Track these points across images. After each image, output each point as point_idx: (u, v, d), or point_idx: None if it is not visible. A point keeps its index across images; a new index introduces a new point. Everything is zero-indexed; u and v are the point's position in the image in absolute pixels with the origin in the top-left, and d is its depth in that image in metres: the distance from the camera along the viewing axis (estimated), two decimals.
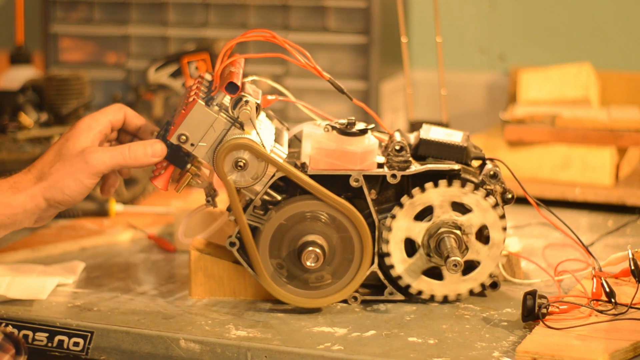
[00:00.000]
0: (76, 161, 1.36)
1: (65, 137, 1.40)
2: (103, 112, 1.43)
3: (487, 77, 2.54)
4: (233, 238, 1.41)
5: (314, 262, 1.38)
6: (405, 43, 1.92)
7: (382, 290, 1.44)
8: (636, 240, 1.76)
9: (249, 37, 1.40)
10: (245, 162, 1.37)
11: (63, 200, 1.36)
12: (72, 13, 2.50)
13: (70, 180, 1.36)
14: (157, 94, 2.07)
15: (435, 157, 1.44)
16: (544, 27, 2.49)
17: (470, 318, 1.39)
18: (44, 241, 1.70)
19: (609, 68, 2.39)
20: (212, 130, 1.37)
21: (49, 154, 1.39)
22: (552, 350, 1.23)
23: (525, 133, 2.08)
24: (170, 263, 1.64)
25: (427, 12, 2.54)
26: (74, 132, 1.39)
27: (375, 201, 1.42)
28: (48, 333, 1.38)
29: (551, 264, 1.56)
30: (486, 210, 1.41)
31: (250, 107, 1.36)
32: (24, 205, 1.36)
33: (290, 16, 2.37)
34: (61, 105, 1.94)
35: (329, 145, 1.40)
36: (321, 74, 1.41)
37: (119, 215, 1.86)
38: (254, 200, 1.39)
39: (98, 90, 2.39)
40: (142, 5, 2.45)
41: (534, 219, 1.77)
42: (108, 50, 2.49)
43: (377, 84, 2.34)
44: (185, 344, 1.32)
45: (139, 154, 1.38)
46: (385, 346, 1.29)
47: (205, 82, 1.45)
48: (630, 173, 2.11)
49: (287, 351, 1.29)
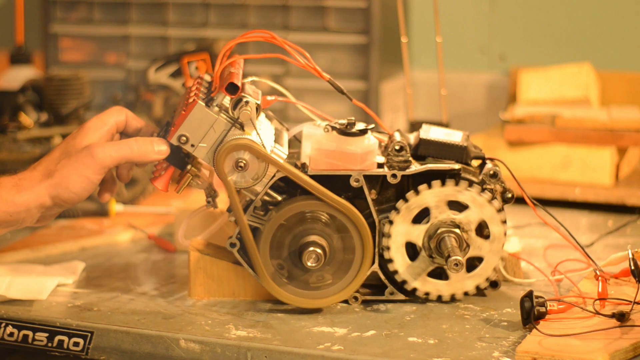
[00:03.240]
0: (82, 156, 1.36)
1: (72, 135, 1.39)
2: (108, 113, 1.43)
3: (487, 77, 2.54)
4: (233, 239, 1.41)
5: (314, 263, 1.38)
6: (405, 43, 1.92)
7: (383, 290, 1.44)
8: (636, 240, 1.76)
9: (249, 37, 1.40)
10: (246, 163, 1.37)
11: (69, 198, 1.36)
12: (72, 13, 2.50)
13: (76, 176, 1.35)
14: (157, 94, 2.07)
15: (435, 157, 1.44)
16: (544, 27, 2.49)
17: (470, 318, 1.39)
18: (44, 241, 1.70)
19: (609, 68, 2.39)
20: (213, 130, 1.37)
21: (56, 152, 1.38)
22: (552, 350, 1.23)
23: (525, 133, 2.08)
24: (170, 263, 1.64)
25: (427, 12, 2.54)
26: (82, 131, 1.39)
27: (375, 201, 1.42)
28: (48, 333, 1.38)
29: (551, 264, 1.55)
30: (483, 206, 1.41)
31: (251, 108, 1.36)
32: (28, 203, 1.35)
33: (290, 16, 2.37)
34: (61, 105, 1.94)
35: (329, 145, 1.40)
36: (321, 74, 1.42)
37: (119, 215, 1.86)
38: (254, 201, 1.39)
39: (98, 90, 2.39)
40: (142, 5, 2.45)
41: (534, 219, 1.77)
42: (108, 50, 2.49)
43: (377, 84, 2.34)
44: (185, 344, 1.33)
45: (147, 148, 1.37)
46: (385, 346, 1.29)
47: (204, 83, 1.45)
48: (630, 173, 2.11)
49: (287, 351, 1.29)
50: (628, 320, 1.29)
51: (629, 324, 1.29)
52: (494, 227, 1.42)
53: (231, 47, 1.39)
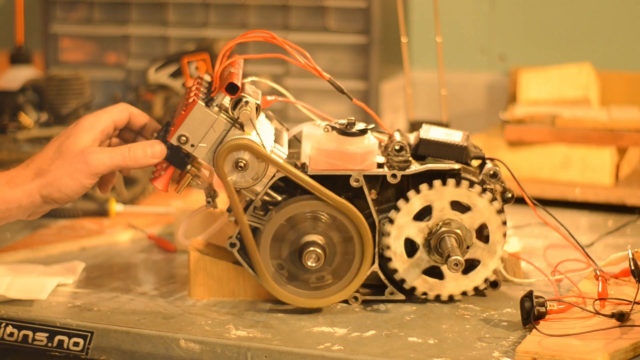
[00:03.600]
0: (75, 160, 1.36)
1: (66, 133, 1.39)
2: (107, 110, 1.43)
3: (487, 77, 2.54)
4: (233, 239, 1.41)
5: (314, 263, 1.38)
6: (405, 43, 1.92)
7: (383, 290, 1.44)
8: (636, 240, 1.76)
9: (249, 37, 1.40)
10: (246, 163, 1.37)
11: (60, 198, 1.36)
12: (72, 13, 2.50)
13: (68, 179, 1.36)
14: (157, 94, 2.07)
15: (435, 156, 1.44)
16: (544, 27, 2.49)
17: (470, 318, 1.39)
18: (44, 241, 1.70)
19: (609, 68, 2.39)
20: (212, 131, 1.37)
21: (49, 149, 1.38)
22: (552, 350, 1.23)
23: (525, 133, 2.08)
24: (170, 263, 1.64)
25: (427, 12, 2.54)
26: (76, 130, 1.39)
27: (375, 201, 1.42)
28: (48, 333, 1.38)
29: (551, 264, 1.55)
30: (484, 207, 1.41)
31: (250, 108, 1.36)
32: (20, 200, 1.36)
33: (290, 16, 2.37)
34: (61, 105, 1.94)
35: (329, 145, 1.40)
36: (321, 74, 1.42)
37: (119, 215, 1.86)
38: (254, 201, 1.39)
39: (98, 90, 2.39)
40: (142, 5, 2.45)
41: (534, 219, 1.77)
42: (108, 50, 2.49)
43: (377, 84, 2.34)
44: (185, 344, 1.32)
45: (139, 155, 1.38)
46: (385, 346, 1.29)
47: (204, 83, 1.45)
48: (630, 173, 2.11)
49: (287, 351, 1.29)
50: (628, 320, 1.29)
51: (629, 324, 1.29)
52: (494, 229, 1.41)
53: (231, 47, 1.39)
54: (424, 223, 1.41)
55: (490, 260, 1.42)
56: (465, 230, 1.41)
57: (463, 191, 1.40)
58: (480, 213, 1.41)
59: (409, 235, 1.41)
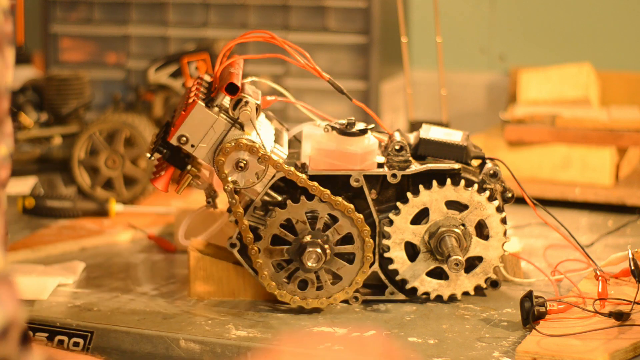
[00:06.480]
0: None
1: None
2: None
3: (487, 77, 2.54)
4: (233, 239, 1.41)
5: (314, 263, 1.38)
6: (405, 43, 1.92)
7: (383, 290, 1.44)
8: (636, 240, 1.76)
9: (249, 37, 1.40)
10: (246, 163, 1.37)
11: None
12: (72, 13, 2.50)
13: None
14: (157, 94, 2.07)
15: (435, 156, 1.44)
16: (544, 27, 2.50)
17: (470, 318, 1.39)
18: (44, 241, 1.70)
19: (609, 68, 2.39)
20: (212, 131, 1.36)
21: None
22: (552, 350, 1.23)
23: (525, 133, 2.08)
24: (170, 263, 1.64)
25: (427, 12, 2.54)
26: None
27: (375, 201, 1.42)
28: (48, 333, 1.38)
29: (552, 264, 1.55)
30: (482, 205, 1.41)
31: (250, 108, 1.36)
32: None
33: (290, 16, 2.37)
34: (61, 105, 1.94)
35: (329, 145, 1.40)
36: (321, 74, 1.42)
37: (119, 215, 1.86)
38: (254, 201, 1.39)
39: (98, 90, 2.39)
40: (142, 5, 2.45)
41: (534, 219, 1.77)
42: (108, 50, 2.49)
43: (377, 84, 2.34)
44: (185, 344, 1.33)
45: None
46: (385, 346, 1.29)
47: (204, 83, 1.45)
48: (630, 173, 2.11)
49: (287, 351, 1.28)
50: (628, 320, 1.29)
51: (629, 323, 1.29)
52: (494, 226, 1.42)
53: (231, 47, 1.39)
54: (422, 226, 1.41)
55: (492, 254, 1.42)
56: (464, 228, 1.41)
57: (456, 189, 1.40)
58: (477, 209, 1.41)
59: (408, 239, 1.41)
